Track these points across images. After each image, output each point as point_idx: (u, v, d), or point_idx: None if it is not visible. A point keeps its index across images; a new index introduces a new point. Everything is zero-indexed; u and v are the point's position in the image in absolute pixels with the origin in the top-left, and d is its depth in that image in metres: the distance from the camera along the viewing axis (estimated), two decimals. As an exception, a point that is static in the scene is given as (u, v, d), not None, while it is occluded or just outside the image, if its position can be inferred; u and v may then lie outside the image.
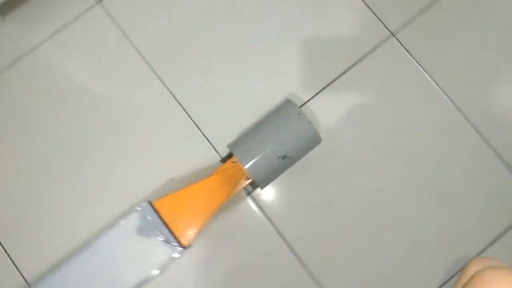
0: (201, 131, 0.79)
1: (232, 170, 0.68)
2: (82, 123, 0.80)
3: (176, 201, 0.67)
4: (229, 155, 0.72)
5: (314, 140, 0.69)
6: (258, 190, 0.75)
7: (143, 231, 0.65)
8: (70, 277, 0.64)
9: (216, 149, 0.78)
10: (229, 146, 0.70)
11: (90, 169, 0.78)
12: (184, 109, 0.80)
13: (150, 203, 0.66)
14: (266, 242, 0.76)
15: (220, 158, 0.77)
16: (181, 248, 0.64)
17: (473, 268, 0.29)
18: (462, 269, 0.30)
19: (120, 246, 0.65)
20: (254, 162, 0.66)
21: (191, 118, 0.80)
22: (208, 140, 0.79)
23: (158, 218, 0.65)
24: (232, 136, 0.78)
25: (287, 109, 0.69)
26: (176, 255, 0.64)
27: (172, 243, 0.64)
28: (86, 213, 0.76)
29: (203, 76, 0.81)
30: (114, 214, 0.75)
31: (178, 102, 0.80)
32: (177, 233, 0.65)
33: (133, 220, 0.65)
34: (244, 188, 0.74)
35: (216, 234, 0.75)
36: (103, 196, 0.77)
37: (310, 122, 0.67)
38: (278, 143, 0.67)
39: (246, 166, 0.66)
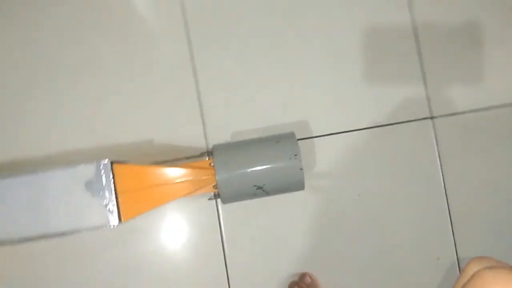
0: (201, 112, 0.75)
1: (204, 172, 0.65)
2: (100, 38, 0.75)
3: (137, 175, 0.63)
4: (211, 154, 0.68)
5: (297, 186, 0.65)
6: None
7: (91, 187, 0.62)
8: (5, 191, 0.62)
9: (206, 138, 0.74)
10: (214, 147, 0.66)
11: (84, 89, 0.74)
12: (196, 82, 0.75)
13: (111, 164, 0.62)
14: (205, 247, 0.73)
15: (203, 151, 0.73)
16: (118, 222, 0.62)
17: (473, 268, 0.29)
18: (462, 269, 0.30)
19: (63, 190, 0.62)
20: (228, 177, 0.62)
21: (198, 95, 0.75)
22: (203, 125, 0.75)
23: (112, 182, 0.62)
24: (227, 134, 0.74)
25: (287, 144, 0.64)
26: (109, 226, 0.62)
27: (112, 213, 0.61)
28: (58, 133, 0.73)
29: (231, 61, 0.76)
30: (81, 146, 0.73)
31: (194, 72, 0.75)
32: (122, 206, 0.62)
33: (87, 171, 0.62)
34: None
35: (162, 215, 0.73)
36: (81, 124, 0.74)
37: (301, 169, 0.63)
38: (260, 173, 0.63)
39: (218, 178, 0.62)
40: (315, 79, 0.76)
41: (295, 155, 0.63)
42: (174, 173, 0.64)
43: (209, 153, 0.73)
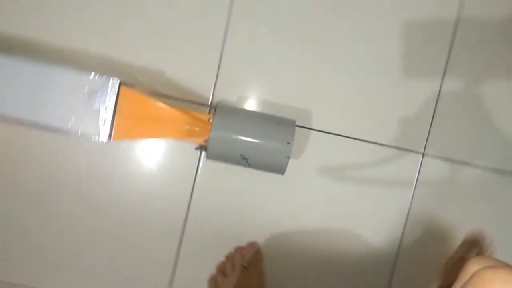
0: (219, 64, 0.76)
1: (201, 124, 0.67)
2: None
3: (140, 103, 0.65)
4: (214, 109, 0.70)
5: (278, 170, 0.68)
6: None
7: (94, 97, 0.64)
8: (13, 70, 0.64)
9: (215, 90, 0.76)
10: (219, 106, 0.68)
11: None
12: (225, 33, 0.76)
13: (120, 84, 0.64)
14: (175, 186, 0.77)
15: (207, 101, 0.75)
16: (107, 139, 0.65)
17: (473, 267, 0.29)
18: (462, 269, 0.30)
19: (67, 90, 0.64)
20: (220, 139, 0.65)
21: (223, 46, 0.76)
22: (216, 77, 0.76)
23: (114, 101, 0.64)
24: (234, 95, 0.76)
25: (285, 129, 0.67)
26: (99, 140, 0.64)
27: (105, 129, 0.64)
28: (79, 31, 0.75)
29: (266, 27, 0.76)
30: (95, 52, 0.75)
31: (227, 22, 0.76)
32: (116, 126, 0.65)
33: (96, 82, 0.64)
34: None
35: (149, 142, 0.76)
36: (103, 31, 0.75)
37: (288, 157, 0.66)
38: (250, 146, 0.66)
39: (211, 136, 0.65)
40: (336, 76, 0.77)
41: (288, 143, 0.66)
42: (174, 114, 0.67)
43: (212, 107, 0.75)
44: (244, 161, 0.67)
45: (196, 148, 0.72)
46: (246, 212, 0.79)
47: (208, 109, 0.76)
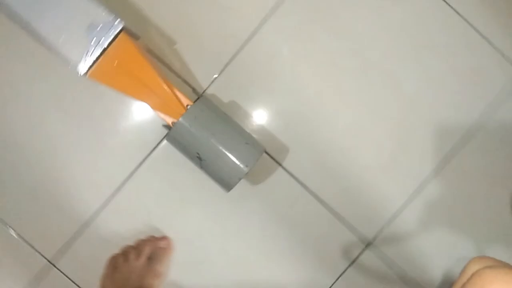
0: (229, 61, 0.75)
1: (177, 106, 0.65)
2: None
3: (131, 57, 0.63)
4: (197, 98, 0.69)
5: (226, 185, 0.66)
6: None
7: (92, 29, 0.62)
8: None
9: (213, 82, 0.74)
10: (202, 99, 0.66)
11: None
12: (250, 38, 0.74)
13: (121, 30, 0.62)
14: (128, 149, 0.75)
15: (200, 89, 0.74)
16: (84, 73, 0.63)
17: (473, 267, 0.29)
18: (462, 269, 0.30)
19: (74, 10, 0.62)
20: (186, 129, 0.63)
21: (241, 47, 0.74)
22: (220, 72, 0.74)
23: (108, 42, 0.62)
24: (228, 96, 0.74)
25: (250, 153, 0.65)
26: (76, 70, 0.62)
27: (86, 63, 0.62)
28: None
29: (290, 53, 0.74)
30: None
31: (257, 29, 0.74)
32: (97, 65, 0.63)
33: (102, 16, 0.62)
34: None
35: (115, 100, 0.74)
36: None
37: (239, 179, 0.64)
38: (210, 149, 0.63)
39: (179, 121, 0.63)
40: (329, 132, 0.76)
41: (247, 166, 0.63)
42: (157, 84, 0.65)
43: (198, 96, 0.73)
44: (198, 160, 0.65)
45: (163, 126, 0.70)
46: (177, 208, 0.76)
47: (196, 97, 0.74)
